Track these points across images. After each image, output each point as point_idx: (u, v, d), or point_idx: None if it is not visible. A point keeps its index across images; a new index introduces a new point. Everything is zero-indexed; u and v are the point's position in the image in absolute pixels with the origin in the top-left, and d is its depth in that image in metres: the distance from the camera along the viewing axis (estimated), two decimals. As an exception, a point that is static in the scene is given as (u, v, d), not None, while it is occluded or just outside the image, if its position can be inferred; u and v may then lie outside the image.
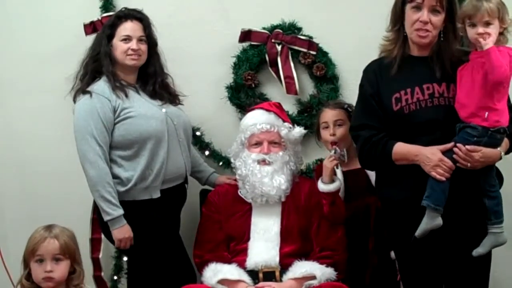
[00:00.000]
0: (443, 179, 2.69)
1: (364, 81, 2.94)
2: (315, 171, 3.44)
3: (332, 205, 3.17)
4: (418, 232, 2.74)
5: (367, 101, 2.89)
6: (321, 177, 3.19)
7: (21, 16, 3.82)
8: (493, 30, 2.64)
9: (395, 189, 2.86)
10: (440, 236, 2.76)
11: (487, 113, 2.65)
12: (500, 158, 2.77)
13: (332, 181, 3.16)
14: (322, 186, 3.17)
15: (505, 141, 2.77)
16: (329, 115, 3.32)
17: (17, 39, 3.82)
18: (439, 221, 2.71)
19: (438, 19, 2.77)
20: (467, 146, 2.66)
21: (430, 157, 2.70)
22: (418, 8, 2.76)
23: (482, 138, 2.68)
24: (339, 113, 3.30)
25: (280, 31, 3.61)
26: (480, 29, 2.64)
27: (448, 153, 2.70)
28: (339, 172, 3.22)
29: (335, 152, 3.16)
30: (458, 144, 2.68)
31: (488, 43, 2.61)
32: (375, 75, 2.89)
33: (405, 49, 2.87)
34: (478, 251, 2.77)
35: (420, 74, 2.82)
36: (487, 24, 2.64)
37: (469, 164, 2.69)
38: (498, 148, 2.73)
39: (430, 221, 2.71)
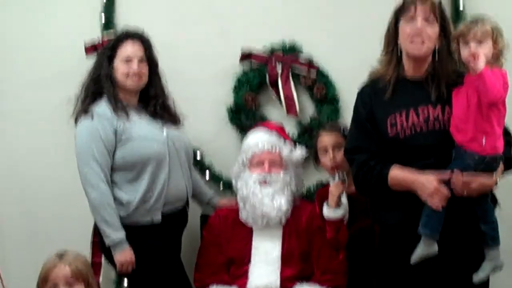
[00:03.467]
0: (440, 208, 2.68)
1: (358, 103, 2.93)
2: (317, 195, 3.41)
3: (337, 232, 3.15)
4: (413, 259, 2.72)
5: (362, 124, 2.87)
6: (326, 202, 3.15)
7: (20, 38, 3.81)
8: (485, 50, 2.63)
9: (389, 213, 2.84)
10: (437, 261, 2.74)
11: (484, 138, 2.64)
12: (496, 184, 2.76)
13: (338, 207, 3.14)
14: (328, 213, 3.15)
15: (500, 166, 2.75)
16: (327, 139, 3.28)
17: (17, 64, 3.82)
18: (435, 248, 2.70)
19: (432, 30, 2.77)
20: (464, 178, 2.65)
21: (427, 185, 2.68)
22: (412, 19, 2.77)
23: (479, 166, 2.67)
24: (337, 137, 3.28)
25: (281, 54, 3.62)
26: (473, 46, 2.63)
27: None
28: (344, 198, 3.18)
29: (338, 177, 3.15)
30: (455, 174, 2.67)
31: (480, 64, 2.59)
32: (370, 99, 2.88)
33: (400, 71, 2.86)
34: (479, 275, 2.75)
35: (414, 96, 2.81)
36: (480, 42, 2.64)
37: (465, 192, 2.68)
38: (494, 175, 2.72)
39: (426, 248, 2.70)
